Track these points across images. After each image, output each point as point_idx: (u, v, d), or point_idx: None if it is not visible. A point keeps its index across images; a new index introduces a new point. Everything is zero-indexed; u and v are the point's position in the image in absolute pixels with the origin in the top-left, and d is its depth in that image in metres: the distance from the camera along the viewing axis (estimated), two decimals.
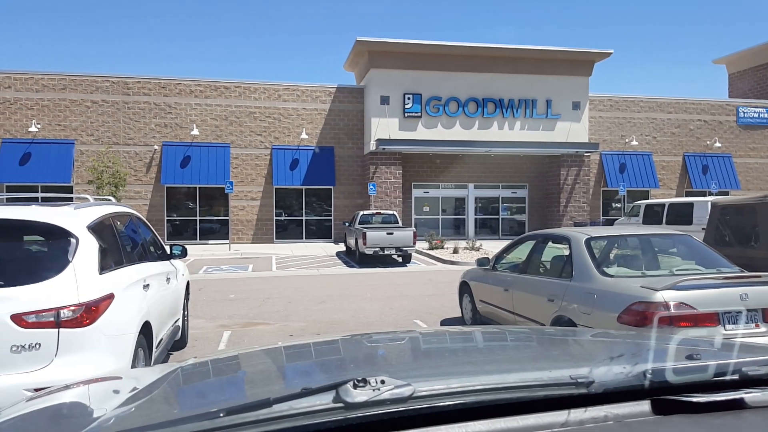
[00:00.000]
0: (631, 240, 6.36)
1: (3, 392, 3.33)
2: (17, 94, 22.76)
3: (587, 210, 25.92)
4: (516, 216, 27.53)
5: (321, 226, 25.62)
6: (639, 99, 28.41)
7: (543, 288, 5.88)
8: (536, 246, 6.61)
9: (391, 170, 24.02)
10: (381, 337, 2.39)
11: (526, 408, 1.16)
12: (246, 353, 2.24)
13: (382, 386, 1.13)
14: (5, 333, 3.46)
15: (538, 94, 25.14)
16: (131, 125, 23.69)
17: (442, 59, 24.29)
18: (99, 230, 4.26)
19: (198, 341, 7.49)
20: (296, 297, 11.29)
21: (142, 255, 5.36)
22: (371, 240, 16.44)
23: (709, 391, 1.23)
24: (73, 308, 3.62)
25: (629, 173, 27.31)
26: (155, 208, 23.82)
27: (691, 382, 1.27)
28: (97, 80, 23.41)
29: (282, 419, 1.07)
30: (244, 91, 24.64)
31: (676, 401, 1.20)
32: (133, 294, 4.46)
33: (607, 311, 4.80)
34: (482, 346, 2.15)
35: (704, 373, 1.31)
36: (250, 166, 24.71)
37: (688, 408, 1.19)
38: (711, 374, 1.30)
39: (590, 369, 1.29)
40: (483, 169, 26.39)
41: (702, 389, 1.24)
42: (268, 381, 1.78)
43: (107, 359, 3.77)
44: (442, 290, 11.61)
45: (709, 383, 1.27)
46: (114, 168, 21.29)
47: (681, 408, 1.19)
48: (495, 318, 7.09)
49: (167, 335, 5.65)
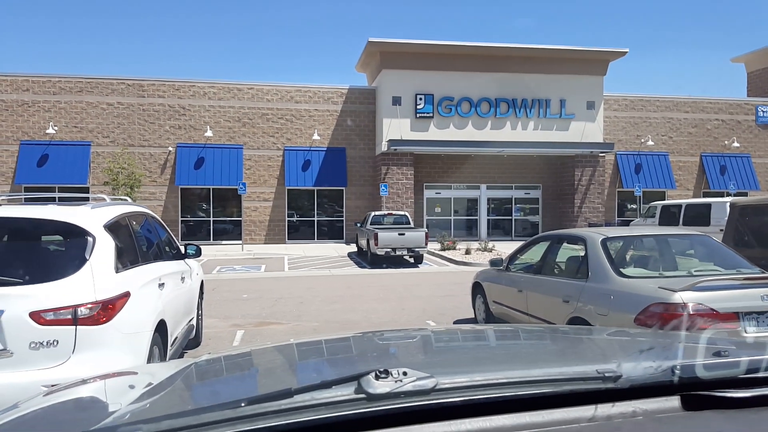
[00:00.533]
0: (648, 240, 6.28)
1: (21, 388, 3.36)
2: (35, 96, 23.07)
3: (602, 211, 25.71)
4: (529, 217, 27.37)
5: (333, 226, 25.66)
6: (655, 98, 28.13)
7: (558, 289, 5.83)
8: (551, 246, 6.55)
9: (403, 171, 24.00)
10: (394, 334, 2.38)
11: (551, 403, 1.14)
12: (260, 349, 2.25)
13: (405, 378, 1.12)
14: (24, 330, 3.50)
15: (552, 93, 24.98)
16: (146, 127, 23.90)
17: (454, 59, 24.24)
18: (115, 229, 4.30)
19: (212, 340, 7.53)
20: (308, 297, 11.31)
21: (157, 254, 5.40)
22: (383, 241, 16.44)
23: (740, 388, 1.20)
24: (90, 306, 3.65)
25: (645, 174, 27.05)
26: (170, 209, 24.00)
27: (721, 378, 1.24)
28: (112, 83, 23.66)
29: (303, 410, 1.06)
30: (257, 92, 24.76)
31: (707, 397, 1.18)
32: (148, 292, 4.49)
33: (624, 312, 4.74)
34: (502, 342, 2.13)
35: (736, 369, 1.28)
36: (262, 168, 24.82)
37: (719, 404, 1.17)
38: (743, 370, 1.27)
39: (617, 364, 1.27)
40: (496, 170, 26.27)
41: (732, 386, 1.21)
42: (285, 375, 1.78)
43: (123, 357, 3.80)
44: (455, 291, 11.56)
45: (740, 380, 1.25)
46: (129, 169, 21.51)
47: (712, 404, 1.17)
48: (508, 319, 7.04)
49: (182, 334, 5.68)
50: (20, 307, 3.50)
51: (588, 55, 25.12)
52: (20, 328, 3.49)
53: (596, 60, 25.32)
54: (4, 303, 3.49)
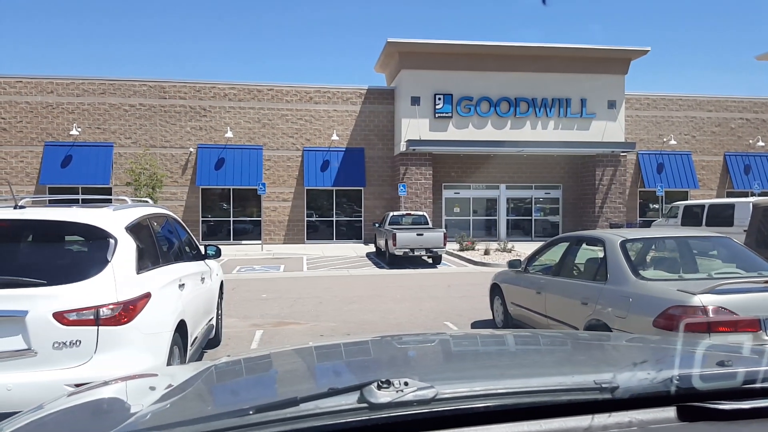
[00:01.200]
0: (668, 242, 6.20)
1: (45, 387, 3.45)
2: (59, 98, 23.52)
3: (623, 211, 25.41)
4: (549, 217, 27.15)
5: (351, 227, 25.74)
6: (677, 97, 27.71)
7: (577, 291, 5.79)
8: (570, 248, 6.50)
9: (422, 171, 23.97)
10: (410, 338, 2.40)
11: (549, 412, 1.16)
12: (277, 352, 2.28)
13: (406, 388, 1.15)
14: (48, 330, 3.58)
15: (573, 92, 24.75)
16: (167, 128, 24.23)
17: (473, 59, 24.14)
18: (137, 231, 4.37)
19: (231, 340, 7.61)
20: (327, 297, 11.37)
21: (177, 255, 5.48)
22: (401, 241, 16.44)
23: (738, 399, 1.20)
24: (112, 307, 3.73)
25: (667, 173, 26.66)
26: (191, 209, 24.30)
27: (719, 390, 1.24)
28: (134, 84, 24.02)
29: (308, 418, 1.10)
30: (277, 93, 24.95)
31: (703, 408, 1.18)
32: (169, 293, 4.56)
33: (642, 315, 4.70)
34: (508, 350, 2.14)
35: (732, 380, 1.29)
36: (282, 168, 25.00)
37: (714, 415, 1.17)
38: (740, 381, 1.27)
39: (614, 374, 1.28)
40: (515, 170, 26.11)
41: (730, 397, 1.21)
42: (297, 380, 1.82)
43: (144, 356, 3.87)
44: (473, 292, 11.53)
45: (738, 391, 1.25)
46: (151, 170, 21.83)
47: (707, 415, 1.17)
48: (527, 321, 7.00)
49: (202, 334, 5.76)
50: (44, 308, 3.58)
51: (609, 53, 24.83)
52: (44, 328, 3.57)
53: (617, 59, 25.02)
54: (28, 303, 3.58)
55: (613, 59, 24.95)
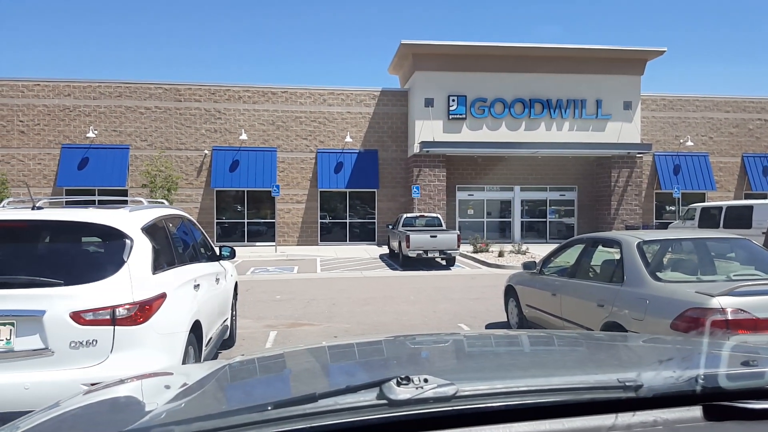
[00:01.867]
0: (685, 244, 6.12)
1: (62, 386, 3.47)
2: (76, 101, 23.83)
3: (639, 213, 25.14)
4: (564, 219, 26.95)
5: (364, 228, 25.76)
6: (694, 98, 27.39)
7: (592, 293, 5.73)
8: (585, 250, 6.45)
9: (435, 173, 23.92)
10: (424, 338, 2.39)
11: (571, 411, 1.14)
12: (291, 351, 2.28)
13: (426, 385, 1.14)
14: (65, 329, 3.61)
15: (588, 93, 24.57)
16: (183, 130, 24.44)
17: (487, 60, 24.06)
18: (152, 232, 4.40)
19: (245, 340, 7.64)
20: (340, 299, 11.38)
21: (193, 256, 5.51)
22: (415, 243, 16.41)
23: (764, 399, 1.18)
24: (128, 307, 3.75)
25: (684, 175, 26.35)
26: (205, 210, 24.47)
27: (746, 389, 1.22)
28: (150, 87, 24.26)
29: (327, 414, 1.09)
30: (291, 96, 25.06)
31: (730, 407, 1.16)
32: (184, 294, 4.59)
33: (660, 317, 4.64)
34: (527, 350, 2.12)
35: (760, 379, 1.26)
36: (295, 170, 25.10)
37: (742, 415, 1.15)
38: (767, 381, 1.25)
39: (638, 373, 1.26)
40: (530, 171, 25.96)
41: (757, 396, 1.19)
42: (314, 378, 1.81)
43: (159, 356, 3.89)
44: (487, 294, 11.48)
45: (764, 391, 1.22)
46: (167, 172, 22.04)
47: (735, 415, 1.15)
48: (542, 323, 6.95)
49: (216, 334, 5.78)
50: (61, 308, 3.62)
51: (624, 54, 24.62)
52: (61, 328, 3.61)
53: (633, 59, 24.79)
54: (46, 303, 3.61)
55: (629, 60, 24.74)
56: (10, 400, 3.47)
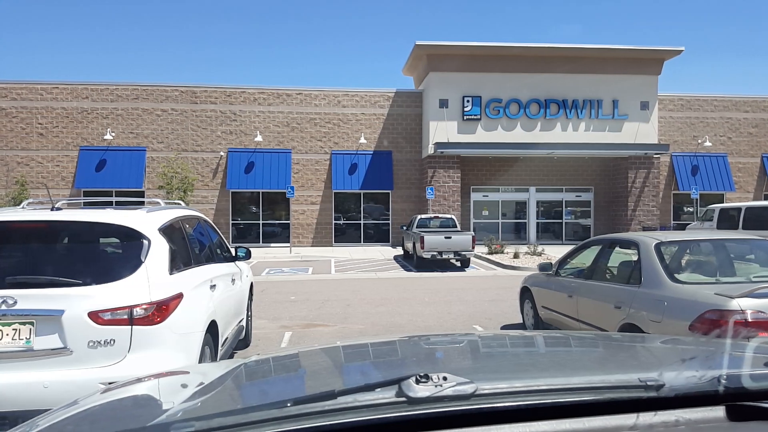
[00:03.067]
0: (704, 245, 6.04)
1: (80, 385, 3.51)
2: (93, 104, 24.13)
3: (657, 214, 24.86)
4: (580, 220, 26.73)
5: (379, 229, 25.77)
6: (712, 98, 27.04)
7: (609, 294, 5.67)
8: (602, 251, 6.39)
9: (450, 174, 23.86)
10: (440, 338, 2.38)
11: (591, 410, 1.14)
12: (307, 351, 2.29)
13: (445, 383, 1.14)
14: (83, 329, 3.65)
15: (604, 94, 24.36)
16: (198, 132, 24.64)
17: (502, 60, 23.96)
18: (169, 233, 4.44)
19: (261, 341, 7.67)
20: (354, 300, 11.39)
21: (209, 257, 5.54)
22: (429, 244, 16.38)
23: None
24: (145, 307, 3.78)
25: (702, 175, 26.01)
26: (221, 212, 24.65)
27: None
28: (167, 90, 24.50)
29: (346, 411, 1.09)
30: (305, 97, 25.16)
31: (754, 408, 1.15)
32: (200, 294, 4.62)
33: (678, 319, 4.58)
34: (545, 349, 2.11)
35: None
36: (310, 171, 25.19)
37: (765, 415, 1.14)
38: None
39: (660, 372, 1.25)
40: (545, 172, 25.79)
41: None
42: (331, 377, 1.81)
43: (176, 356, 3.92)
44: (502, 296, 11.42)
45: None
46: (183, 174, 22.23)
47: (759, 415, 1.14)
48: (558, 325, 6.90)
49: (232, 334, 5.81)
50: (80, 307, 3.65)
51: (641, 54, 24.37)
52: (79, 328, 3.64)
53: (650, 59, 24.53)
54: (64, 303, 3.65)
55: (646, 59, 24.48)
56: (29, 398, 3.51)
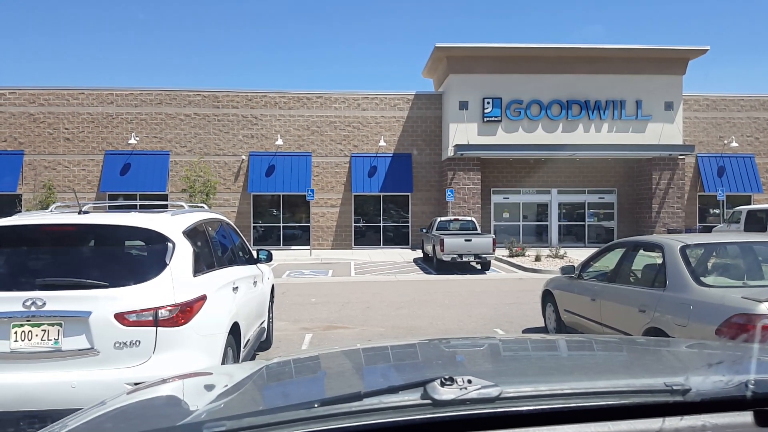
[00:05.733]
0: (731, 248, 5.93)
1: (107, 385, 3.57)
2: (118, 108, 24.57)
3: (682, 216, 24.45)
4: (603, 222, 26.39)
5: (398, 232, 25.77)
6: (739, 97, 26.52)
7: (634, 298, 5.60)
8: (626, 254, 6.30)
9: (470, 176, 23.75)
10: (461, 341, 2.37)
11: (616, 415, 1.13)
12: (329, 353, 2.30)
13: (469, 386, 1.14)
14: (109, 330, 3.72)
15: (627, 94, 24.04)
16: (221, 136, 24.93)
17: (523, 61, 23.81)
18: (193, 235, 4.49)
19: (282, 342, 7.72)
20: (374, 302, 11.40)
21: (231, 259, 5.60)
22: (449, 246, 16.32)
23: None
24: (170, 308, 3.84)
25: (729, 177, 25.51)
26: (242, 214, 24.88)
27: None
28: (189, 95, 24.84)
29: (372, 412, 1.11)
30: (326, 101, 25.30)
31: None
32: (223, 296, 4.67)
33: (704, 323, 4.50)
34: (569, 353, 2.09)
35: None
36: (330, 174, 25.30)
37: None
38: None
39: (686, 377, 1.24)
40: (567, 174, 25.53)
41: None
42: (354, 379, 1.83)
43: (200, 357, 3.97)
44: (523, 299, 11.33)
45: None
46: (205, 177, 22.52)
47: None
48: (581, 329, 6.82)
49: (254, 336, 5.86)
50: (106, 309, 3.72)
51: (665, 54, 24.02)
52: (106, 329, 3.71)
53: (674, 59, 24.17)
54: (91, 305, 3.72)
55: (670, 59, 24.12)
56: (57, 398, 3.59)
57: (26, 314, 3.66)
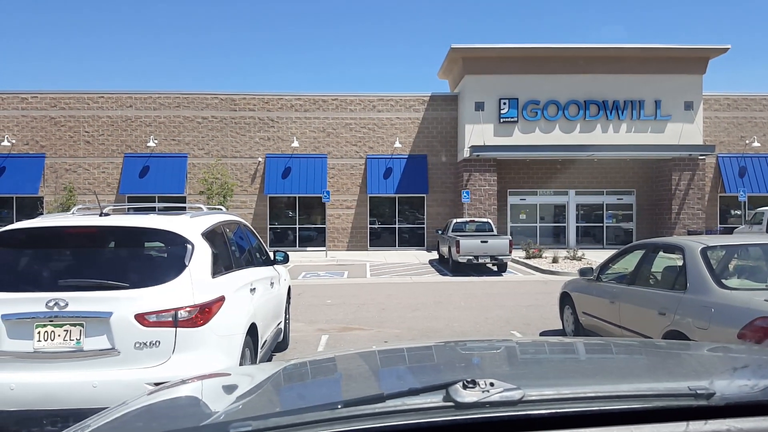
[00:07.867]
0: (753, 249, 5.83)
1: (127, 385, 3.62)
2: (137, 112, 24.89)
3: (702, 218, 24.10)
4: (622, 224, 26.11)
5: (414, 233, 25.74)
6: (761, 97, 26.08)
7: (653, 300, 5.53)
8: (646, 255, 6.23)
9: (486, 177, 23.65)
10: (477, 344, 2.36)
11: (640, 418, 1.12)
12: (346, 355, 2.30)
13: (492, 388, 1.14)
14: (130, 331, 3.77)
15: (646, 94, 23.77)
16: (237, 139, 25.13)
17: (539, 62, 23.65)
18: (211, 237, 4.54)
19: (298, 343, 7.76)
20: (390, 304, 11.39)
21: (249, 260, 5.65)
22: (465, 248, 16.26)
23: None
24: (189, 309, 3.88)
25: (750, 177, 25.09)
26: (259, 216, 25.04)
27: None
28: (207, 98, 25.09)
29: (394, 414, 1.11)
30: (341, 103, 25.38)
31: None
32: (241, 297, 4.71)
33: (726, 327, 4.43)
34: (590, 356, 2.07)
35: None
36: (345, 176, 25.37)
37: None
38: None
39: (710, 381, 1.23)
40: (585, 175, 25.31)
41: None
42: (374, 380, 1.83)
43: (218, 357, 4.01)
44: (541, 301, 11.25)
45: None
46: (222, 179, 22.73)
47: None
48: (599, 331, 6.76)
49: (271, 337, 5.90)
50: (126, 310, 3.77)
51: (685, 53, 23.71)
52: (126, 329, 3.76)
53: (694, 58, 23.83)
54: (112, 305, 3.78)
55: (690, 58, 23.80)
56: (79, 397, 3.64)
57: (49, 315, 3.72)
